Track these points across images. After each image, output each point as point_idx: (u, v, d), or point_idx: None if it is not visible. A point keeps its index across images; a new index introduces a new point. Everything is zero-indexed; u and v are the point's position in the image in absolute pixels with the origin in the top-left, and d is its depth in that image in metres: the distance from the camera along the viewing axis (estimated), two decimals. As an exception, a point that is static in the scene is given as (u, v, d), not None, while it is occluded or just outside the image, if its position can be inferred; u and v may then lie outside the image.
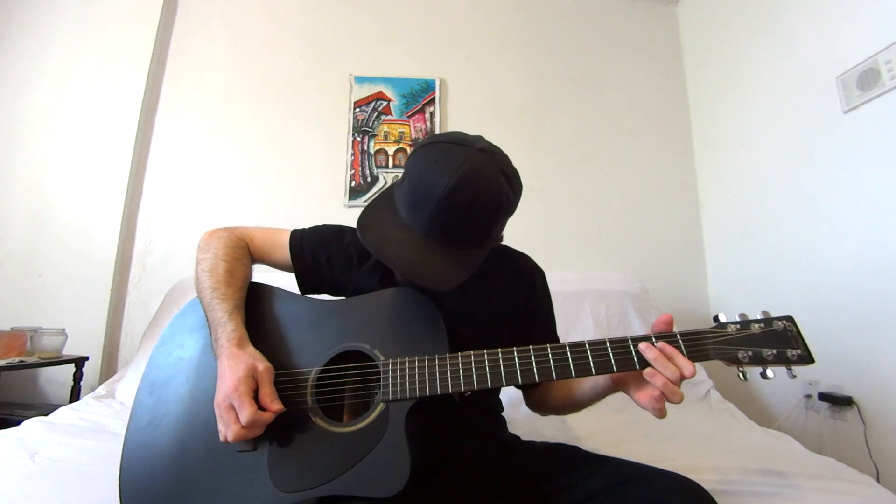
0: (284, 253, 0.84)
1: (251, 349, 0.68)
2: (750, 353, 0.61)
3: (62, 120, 2.00)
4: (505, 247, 0.91)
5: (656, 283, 2.01)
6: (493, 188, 0.65)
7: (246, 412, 0.61)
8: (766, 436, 1.21)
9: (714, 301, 2.12)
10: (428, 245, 0.65)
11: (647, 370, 0.60)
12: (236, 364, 0.65)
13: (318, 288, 0.86)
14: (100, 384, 1.56)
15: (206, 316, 0.74)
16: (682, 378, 0.58)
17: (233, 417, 0.62)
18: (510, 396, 1.29)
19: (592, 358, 0.63)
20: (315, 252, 0.84)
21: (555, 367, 0.63)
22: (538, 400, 0.86)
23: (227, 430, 0.61)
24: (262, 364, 0.66)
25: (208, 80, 2.15)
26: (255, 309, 0.77)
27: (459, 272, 0.65)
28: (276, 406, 0.64)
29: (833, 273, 1.51)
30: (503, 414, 0.89)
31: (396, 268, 0.67)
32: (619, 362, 0.62)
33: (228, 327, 0.69)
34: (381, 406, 0.65)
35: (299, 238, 0.85)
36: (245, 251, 0.83)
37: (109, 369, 1.85)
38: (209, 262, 0.78)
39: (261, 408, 0.63)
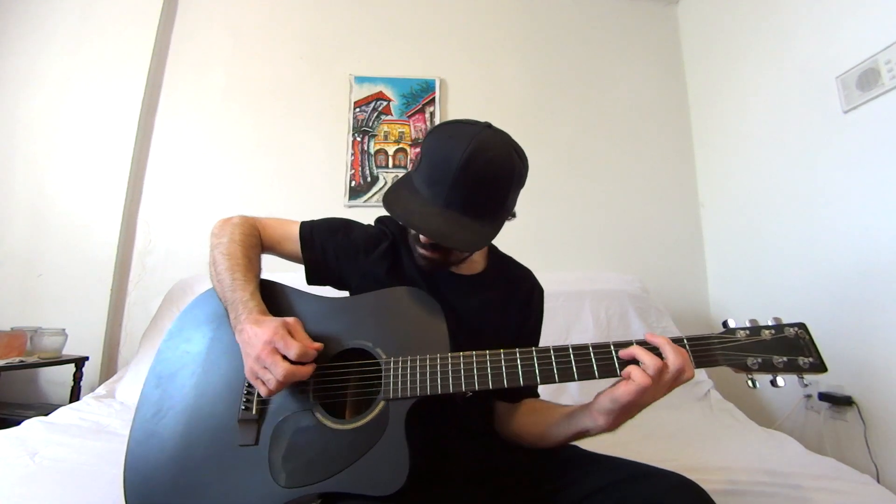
0: (294, 244, 0.85)
1: (272, 316, 0.70)
2: (760, 360, 0.60)
3: (62, 120, 2.00)
4: (510, 258, 0.93)
5: (656, 283, 2.01)
6: (504, 158, 0.69)
7: (293, 347, 0.63)
8: (766, 436, 1.21)
9: (714, 301, 2.12)
10: (450, 215, 0.68)
11: (628, 368, 0.60)
12: (265, 323, 0.66)
13: (325, 279, 0.87)
14: (100, 384, 1.56)
15: (222, 297, 0.75)
16: (665, 361, 0.59)
17: (278, 359, 0.63)
18: (510, 396, 1.29)
19: (596, 361, 0.63)
20: (325, 242, 0.85)
21: (557, 369, 0.63)
22: (510, 423, 0.81)
23: (277, 371, 0.62)
24: (291, 318, 0.68)
25: (208, 80, 2.15)
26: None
27: (481, 238, 0.70)
28: (316, 344, 0.67)
29: (833, 272, 1.51)
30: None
31: (426, 234, 0.70)
32: (621, 364, 0.62)
33: (251, 304, 0.70)
34: (381, 404, 0.65)
35: (309, 229, 0.86)
36: (258, 240, 0.84)
37: (109, 369, 1.85)
38: (226, 247, 0.78)
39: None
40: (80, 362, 1.70)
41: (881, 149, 1.36)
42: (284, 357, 0.64)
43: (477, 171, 0.66)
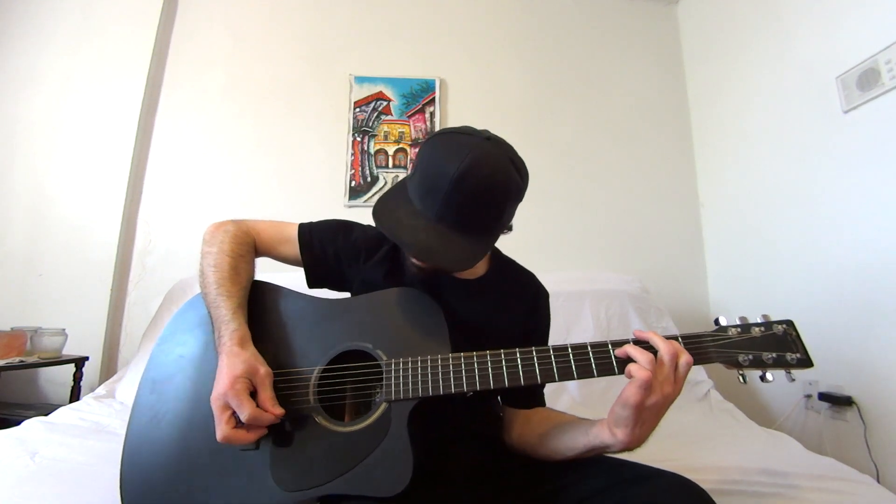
0: (293, 247, 0.84)
1: (252, 349, 0.68)
2: (750, 356, 0.62)
3: (62, 120, 2.00)
4: (512, 261, 0.91)
5: (656, 283, 2.00)
6: (501, 173, 0.67)
7: (246, 410, 0.60)
8: (766, 436, 1.21)
9: (714, 301, 2.12)
10: (441, 229, 0.66)
11: (627, 368, 0.60)
12: (235, 362, 0.64)
13: (325, 281, 0.86)
14: (100, 384, 1.56)
15: (209, 312, 0.73)
16: (657, 354, 0.59)
17: (226, 417, 0.61)
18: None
19: (594, 360, 0.63)
20: (324, 244, 0.84)
21: (557, 368, 0.63)
22: (521, 433, 0.78)
23: (220, 429, 0.61)
24: (263, 368, 0.66)
25: (208, 80, 2.15)
26: (258, 307, 0.76)
27: (471, 255, 0.67)
28: (278, 410, 0.63)
29: (833, 272, 1.51)
30: (502, 414, 0.89)
31: (411, 250, 0.68)
32: (618, 362, 0.62)
33: (231, 325, 0.68)
34: (383, 406, 0.65)
35: (308, 231, 0.85)
36: (251, 247, 0.82)
37: (109, 369, 1.85)
38: (214, 257, 0.76)
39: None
40: (80, 362, 1.70)
41: (881, 149, 1.36)
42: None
43: (471, 188, 0.64)
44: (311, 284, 0.86)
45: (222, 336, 0.68)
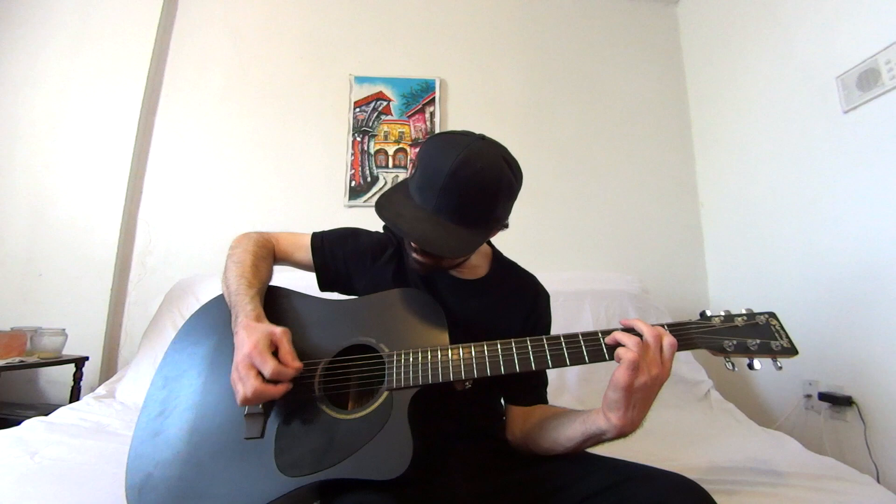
0: (306, 253, 0.90)
1: (267, 322, 0.72)
2: (734, 342, 0.65)
3: (62, 120, 2.00)
4: (514, 263, 0.94)
5: (656, 283, 2.01)
6: (493, 168, 0.71)
7: (269, 365, 0.64)
8: (766, 436, 1.21)
9: (714, 301, 2.12)
10: (438, 220, 0.70)
11: (616, 351, 0.64)
12: (253, 331, 0.68)
13: (334, 283, 0.91)
14: (100, 384, 1.56)
15: (228, 300, 0.78)
16: (642, 338, 0.63)
17: (253, 374, 0.64)
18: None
19: (585, 347, 0.66)
20: (333, 249, 0.90)
21: (550, 355, 0.67)
22: (523, 430, 0.79)
23: (246, 387, 0.63)
24: (280, 328, 0.69)
25: (208, 81, 2.15)
26: (270, 308, 0.80)
27: (466, 245, 0.73)
28: (297, 363, 0.67)
29: (833, 272, 1.51)
30: (504, 416, 0.90)
31: (410, 238, 0.72)
32: (609, 350, 0.65)
33: (248, 307, 0.73)
34: (385, 394, 0.67)
35: (320, 237, 0.92)
36: (271, 251, 0.89)
37: (109, 369, 1.85)
38: (238, 255, 0.83)
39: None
40: (80, 362, 1.70)
41: (881, 149, 1.36)
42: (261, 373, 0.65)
43: (465, 179, 0.68)
44: (322, 287, 0.91)
45: (238, 315, 0.72)
